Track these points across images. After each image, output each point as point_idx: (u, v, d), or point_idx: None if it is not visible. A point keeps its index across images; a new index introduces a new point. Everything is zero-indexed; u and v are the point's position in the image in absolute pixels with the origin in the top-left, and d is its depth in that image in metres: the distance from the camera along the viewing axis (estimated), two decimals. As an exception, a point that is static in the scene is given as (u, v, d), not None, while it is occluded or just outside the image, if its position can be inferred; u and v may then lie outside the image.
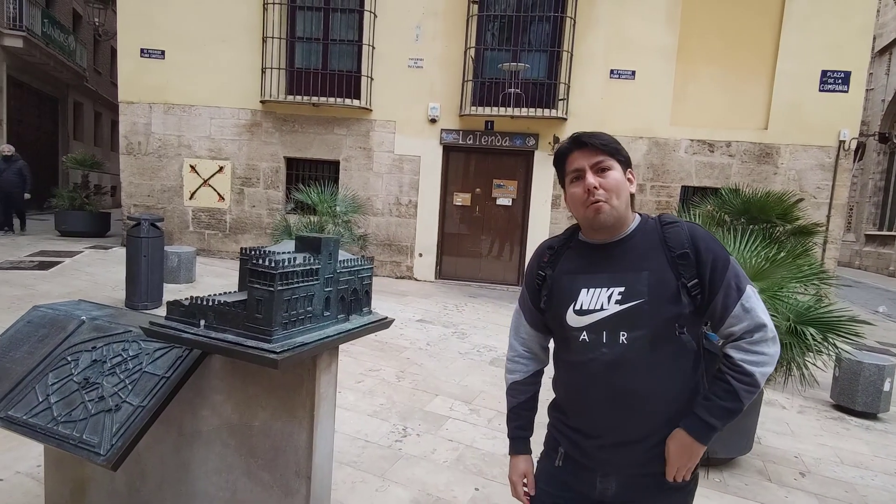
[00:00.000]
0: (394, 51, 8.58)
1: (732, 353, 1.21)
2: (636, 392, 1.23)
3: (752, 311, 1.20)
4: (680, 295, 1.21)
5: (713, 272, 1.21)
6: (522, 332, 1.46)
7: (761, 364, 1.19)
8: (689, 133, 8.36)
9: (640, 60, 8.27)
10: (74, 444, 1.54)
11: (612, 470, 1.30)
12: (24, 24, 13.02)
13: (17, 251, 8.05)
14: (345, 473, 2.87)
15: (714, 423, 1.20)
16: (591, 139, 1.26)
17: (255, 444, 1.72)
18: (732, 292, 1.21)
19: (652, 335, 1.21)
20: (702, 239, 1.24)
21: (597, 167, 1.25)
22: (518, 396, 1.47)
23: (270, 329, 1.41)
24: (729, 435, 3.14)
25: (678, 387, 1.25)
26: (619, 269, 1.26)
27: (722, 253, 1.24)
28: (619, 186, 1.25)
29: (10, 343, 1.94)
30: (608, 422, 1.27)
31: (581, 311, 1.27)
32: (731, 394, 1.19)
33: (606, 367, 1.24)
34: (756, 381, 1.19)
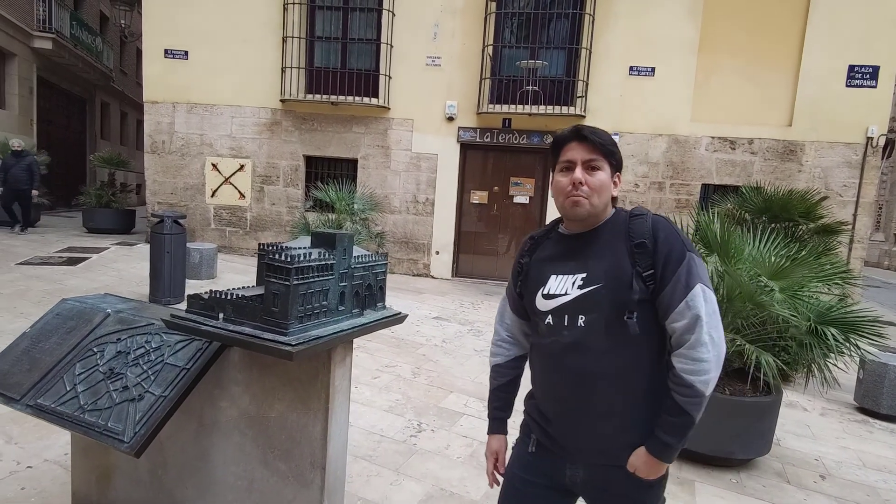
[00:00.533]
0: (412, 49, 8.62)
1: (674, 363, 1.23)
2: (591, 373, 1.28)
3: (694, 310, 1.20)
4: (633, 282, 1.24)
5: (666, 265, 1.24)
6: (507, 318, 1.55)
7: (700, 373, 1.19)
8: (710, 130, 8.23)
9: (660, 56, 8.17)
10: (100, 431, 1.60)
11: (578, 458, 1.34)
12: (54, 26, 13.39)
13: (47, 247, 8.30)
14: (360, 467, 2.91)
15: (669, 441, 1.23)
16: (592, 135, 1.31)
17: (271, 434, 1.76)
18: (680, 287, 1.22)
19: (606, 319, 1.26)
20: (662, 231, 1.27)
21: (588, 164, 1.30)
22: (499, 378, 1.55)
23: (286, 322, 1.45)
24: (746, 436, 3.11)
25: (634, 371, 1.27)
26: (585, 257, 1.33)
27: (679, 247, 1.25)
28: (602, 187, 1.30)
29: (41, 334, 2.02)
30: (567, 403, 1.33)
31: (548, 296, 1.34)
32: (676, 409, 1.21)
33: (565, 349, 1.30)
34: (697, 391, 1.19)
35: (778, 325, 3.29)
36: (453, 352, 5.10)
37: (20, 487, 2.46)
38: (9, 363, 1.93)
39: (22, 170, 9.36)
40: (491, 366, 1.57)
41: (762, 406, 3.15)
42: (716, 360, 1.20)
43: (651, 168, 8.41)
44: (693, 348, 1.19)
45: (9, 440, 2.85)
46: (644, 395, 1.28)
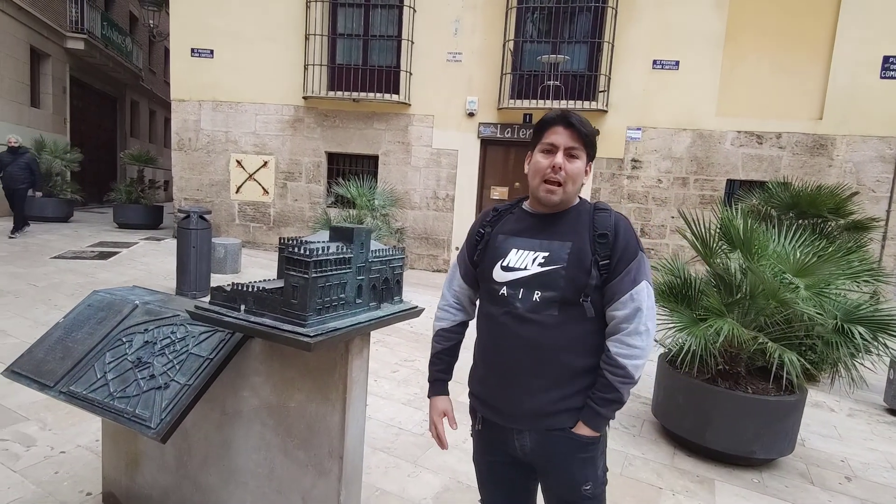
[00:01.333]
0: (432, 45, 8.63)
1: (610, 346, 1.37)
2: (540, 343, 1.38)
3: (636, 302, 1.34)
4: (591, 268, 1.35)
5: (620, 258, 1.36)
6: (455, 285, 1.62)
7: (633, 357, 1.35)
8: (735, 124, 8.06)
9: (685, 49, 8.02)
10: (128, 417, 1.67)
11: (524, 425, 1.43)
12: (86, 26, 13.77)
13: (80, 242, 8.57)
14: (379, 458, 2.96)
15: (600, 412, 1.38)
16: (581, 126, 1.39)
17: (291, 424, 1.81)
18: (628, 280, 1.35)
19: (561, 297, 1.36)
20: (622, 228, 1.39)
21: (569, 151, 1.38)
22: (443, 342, 1.63)
23: (305, 314, 1.48)
24: (769, 435, 3.06)
25: (580, 346, 1.39)
26: (549, 237, 1.42)
27: (634, 246, 1.38)
28: (578, 176, 1.40)
29: (73, 324, 2.11)
30: (515, 370, 1.41)
31: (507, 268, 1.42)
32: (608, 386, 1.37)
33: (517, 320, 1.39)
34: (629, 373, 1.35)
35: (803, 323, 3.23)
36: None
37: (54, 472, 2.57)
38: (43, 351, 2.02)
39: (20, 168, 8.51)
40: (435, 330, 1.64)
41: (786, 405, 3.09)
42: (647, 349, 1.36)
43: (674, 163, 8.27)
44: (629, 335, 1.34)
45: (43, 426, 2.97)
46: (586, 370, 1.40)
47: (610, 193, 8.41)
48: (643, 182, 8.37)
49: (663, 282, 3.57)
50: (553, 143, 1.39)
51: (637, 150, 8.33)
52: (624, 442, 3.37)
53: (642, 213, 8.38)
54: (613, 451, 3.22)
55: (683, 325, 3.19)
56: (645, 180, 8.36)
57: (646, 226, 8.38)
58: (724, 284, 3.40)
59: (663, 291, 3.49)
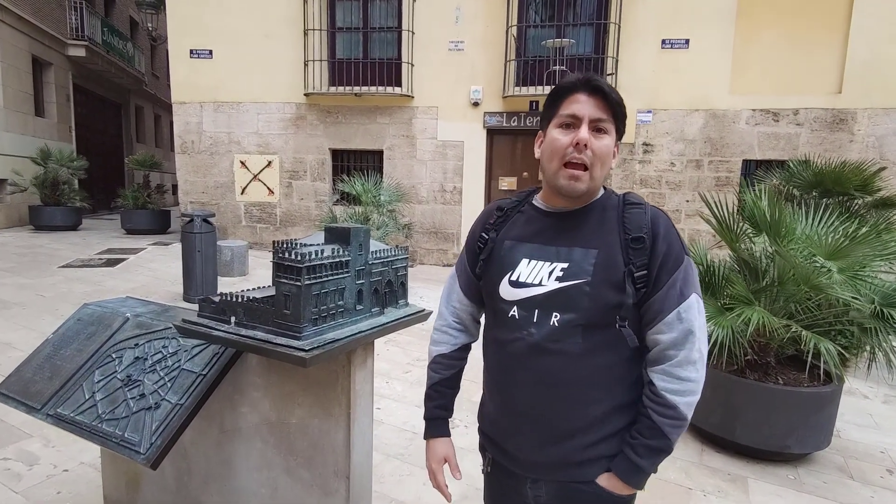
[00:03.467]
0: (434, 35, 8.44)
1: (656, 379, 1.08)
2: (561, 381, 1.10)
3: (687, 323, 1.06)
4: (625, 283, 1.06)
5: (662, 266, 1.07)
6: (454, 300, 1.33)
7: (685, 393, 1.06)
8: (750, 102, 7.78)
9: (695, 27, 7.75)
10: (117, 442, 1.55)
11: (540, 474, 1.17)
12: (86, 33, 13.73)
13: (88, 250, 8.54)
14: (392, 466, 2.83)
15: (641, 465, 1.08)
16: (610, 91, 1.08)
17: (293, 441, 1.68)
18: (674, 294, 1.06)
19: (586, 320, 1.07)
20: (663, 227, 1.09)
21: (596, 125, 1.08)
22: (441, 371, 1.33)
23: (299, 325, 1.35)
24: (803, 429, 2.88)
25: (612, 383, 1.11)
26: (568, 242, 1.12)
27: (678, 249, 1.09)
28: (608, 156, 1.10)
29: (62, 341, 1.99)
30: (529, 412, 1.14)
31: (517, 284, 1.13)
32: (654, 430, 1.07)
33: (531, 350, 1.11)
34: (681, 413, 1.06)
35: (836, 308, 3.04)
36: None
37: (56, 492, 2.47)
38: (32, 370, 1.91)
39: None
40: (432, 356, 1.35)
41: (821, 397, 2.91)
42: (702, 381, 1.07)
43: (688, 145, 8.02)
44: (680, 366, 1.06)
45: (46, 443, 2.88)
46: (615, 409, 1.12)
47: (622, 179, 8.19)
48: (656, 166, 8.13)
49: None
50: (575, 115, 1.07)
51: (648, 133, 8.09)
52: (648, 439, 3.21)
53: (656, 198, 8.15)
54: (638, 450, 3.06)
55: (709, 316, 3.01)
56: (657, 164, 8.13)
57: (660, 211, 8.16)
58: (750, 270, 3.22)
59: (685, 280, 3.30)
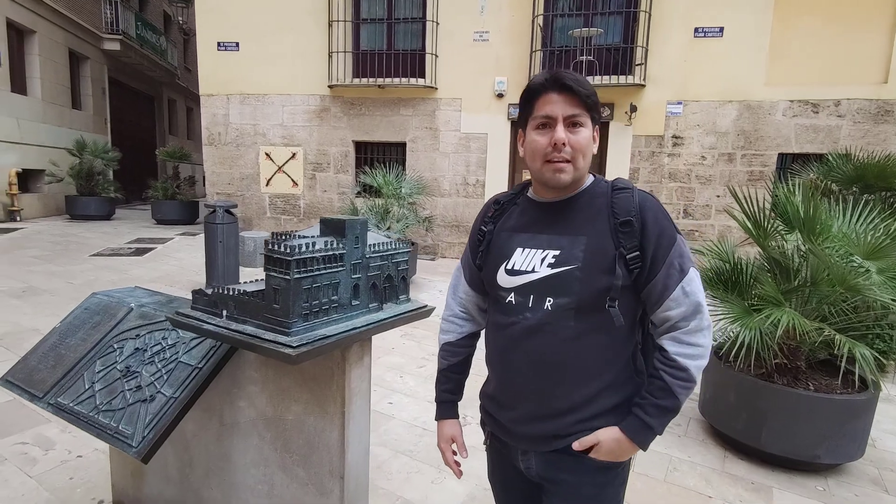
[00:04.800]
0: (458, 25, 8.33)
1: (667, 345, 1.14)
2: (554, 361, 1.16)
3: (693, 296, 1.12)
4: (616, 265, 1.11)
5: (657, 248, 1.12)
6: (460, 292, 1.39)
7: (696, 357, 1.12)
8: (788, 93, 7.44)
9: (730, 14, 7.43)
10: (111, 434, 1.53)
11: (529, 446, 1.23)
12: (121, 27, 14.05)
13: (119, 239, 8.76)
14: (401, 463, 2.79)
15: (651, 423, 1.13)
16: (578, 86, 1.11)
17: (289, 438, 1.64)
18: (675, 272, 1.12)
19: (578, 304, 1.13)
20: (651, 210, 1.14)
21: (571, 121, 1.12)
22: (450, 358, 1.40)
23: (288, 321, 1.30)
24: (835, 438, 2.72)
25: (603, 363, 1.16)
26: (559, 231, 1.18)
27: (670, 229, 1.14)
28: (587, 147, 1.15)
29: (68, 329, 2.00)
30: (524, 391, 1.20)
31: (512, 272, 1.20)
32: (665, 391, 1.12)
33: (526, 333, 1.17)
34: (691, 375, 1.12)
35: (874, 310, 2.86)
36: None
37: (69, 477, 2.51)
38: (37, 359, 1.92)
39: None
40: (441, 344, 1.42)
41: (855, 405, 2.74)
42: (710, 347, 1.15)
43: (719, 138, 7.73)
44: (691, 334, 1.12)
45: (64, 429, 2.93)
46: (605, 388, 1.17)
47: (650, 173, 7.95)
48: (685, 160, 7.86)
49: (710, 267, 3.24)
50: (549, 116, 1.12)
51: (678, 125, 7.82)
52: (667, 443, 3.09)
53: (685, 192, 7.89)
54: (656, 454, 2.95)
55: (735, 316, 2.87)
56: (687, 157, 7.86)
57: (689, 206, 7.90)
58: (781, 269, 3.05)
59: (710, 278, 3.16)
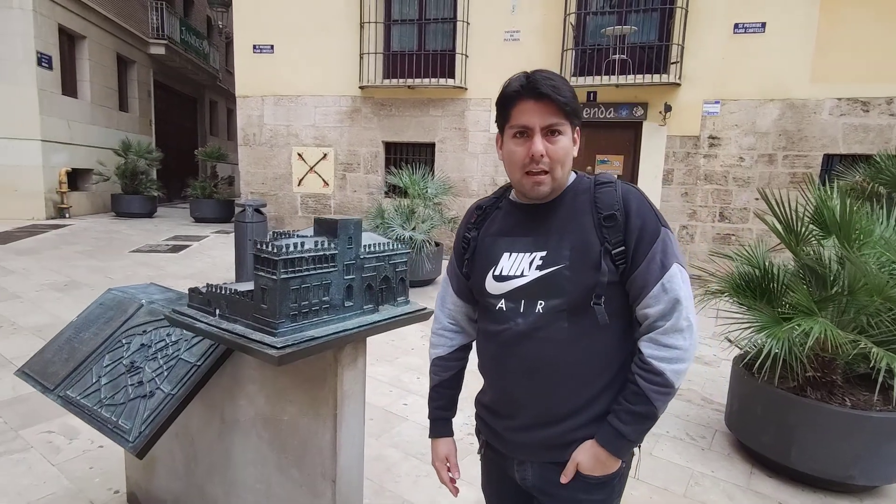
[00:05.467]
0: (489, 25, 8.27)
1: (643, 347, 1.08)
2: (547, 365, 1.11)
3: (672, 293, 1.05)
4: (601, 261, 1.07)
5: (639, 241, 1.07)
6: (448, 303, 1.35)
7: (672, 360, 1.05)
8: (835, 91, 7.06)
9: (772, 8, 7.11)
10: (111, 428, 1.56)
11: (526, 456, 1.19)
12: (166, 32, 14.61)
13: (158, 236, 9.09)
14: (410, 465, 2.76)
15: (624, 431, 1.07)
16: (555, 94, 1.05)
17: (284, 439, 1.64)
18: (655, 267, 1.06)
19: (569, 305, 1.08)
20: (634, 202, 1.09)
21: (548, 129, 1.08)
22: (442, 373, 1.36)
23: (275, 321, 1.29)
24: (872, 458, 2.55)
25: (600, 365, 1.11)
26: (544, 232, 1.14)
27: (653, 222, 1.08)
28: (566, 155, 1.10)
29: (84, 324, 2.06)
30: (520, 398, 1.16)
31: (500, 278, 1.16)
32: (639, 396, 1.06)
33: (519, 338, 1.13)
34: (667, 380, 1.05)
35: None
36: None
37: (89, 467, 2.59)
38: (52, 352, 1.98)
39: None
40: (432, 359, 1.38)
41: (894, 423, 2.55)
42: (691, 350, 1.06)
43: (759, 139, 7.41)
44: (667, 334, 1.06)
45: (89, 419, 3.03)
46: (604, 389, 1.12)
47: (684, 174, 7.70)
48: (722, 161, 7.57)
49: (738, 274, 3.09)
50: (526, 126, 1.08)
51: (715, 125, 7.54)
52: (690, 456, 2.96)
53: (721, 194, 7.60)
54: (676, 467, 2.83)
55: (762, 325, 2.72)
56: (724, 159, 7.56)
57: (725, 209, 7.60)
58: (816, 277, 2.87)
59: (738, 285, 3.01)
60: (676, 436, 3.17)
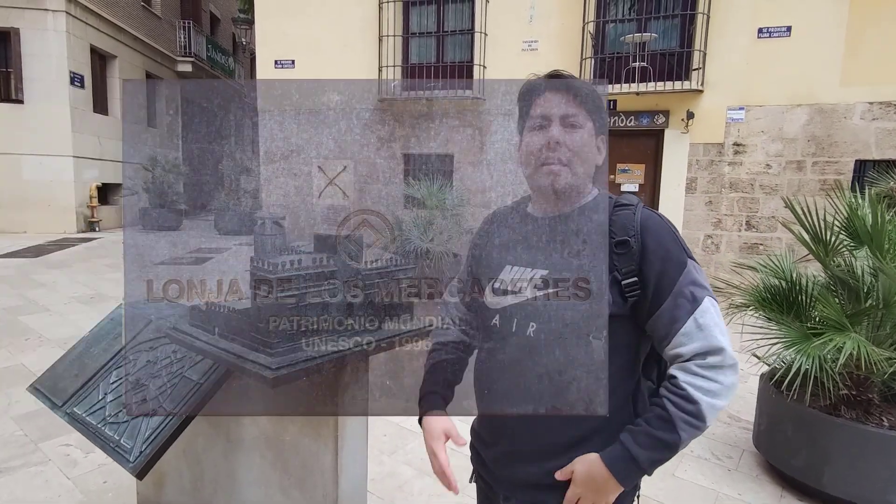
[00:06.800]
0: (507, 35, 8.26)
1: (676, 372, 0.96)
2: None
3: (707, 329, 0.94)
4: (608, 291, 0.97)
5: (662, 275, 0.96)
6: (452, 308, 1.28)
7: (711, 393, 0.93)
8: (867, 94, 6.81)
9: (798, 11, 6.93)
10: (112, 447, 1.55)
11: (511, 492, 1.09)
12: (193, 50, 15.04)
13: (182, 249, 9.27)
14: (424, 484, 2.70)
15: (637, 455, 0.94)
16: (576, 88, 1.03)
17: (287, 459, 1.60)
18: (685, 302, 0.95)
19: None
20: (654, 230, 0.99)
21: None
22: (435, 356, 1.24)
23: (271, 341, 1.25)
24: (913, 484, 2.39)
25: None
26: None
27: (678, 252, 0.99)
28: (584, 149, 1.03)
29: (94, 339, 2.07)
30: (503, 426, 1.08)
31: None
32: (665, 422, 0.93)
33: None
34: (701, 411, 0.92)
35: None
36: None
37: (103, 481, 2.60)
38: (63, 367, 1.99)
39: None
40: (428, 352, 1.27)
41: (937, 446, 2.39)
42: (733, 388, 0.94)
43: (787, 145, 7.19)
44: (711, 369, 0.94)
45: (105, 432, 3.06)
46: (593, 432, 1.01)
47: (708, 183, 7.51)
48: (748, 168, 7.36)
49: (764, 286, 2.96)
50: (544, 116, 1.03)
51: (740, 132, 7.35)
52: (716, 477, 2.83)
53: (747, 203, 7.38)
54: (701, 489, 2.70)
55: (791, 341, 2.59)
56: (750, 166, 7.36)
57: (752, 218, 7.37)
58: (848, 290, 2.74)
59: (764, 298, 2.88)
60: (701, 455, 3.04)
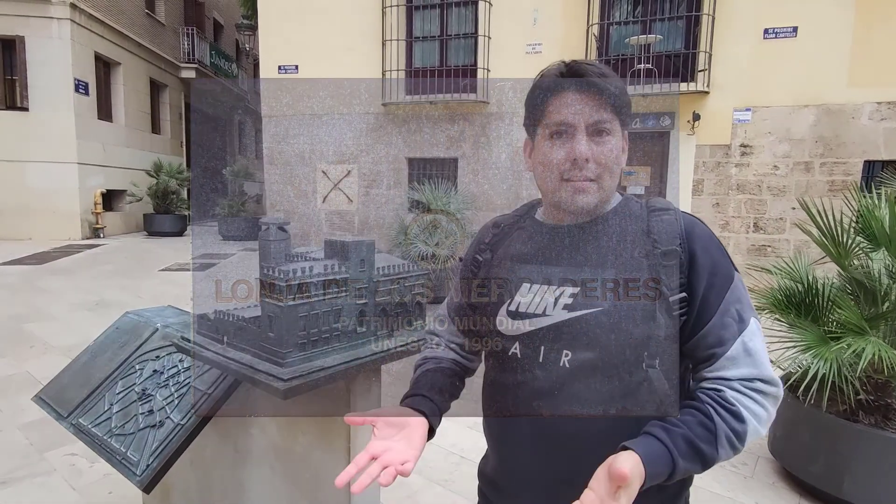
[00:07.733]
0: (510, 39, 8.24)
1: (721, 386, 0.83)
2: (572, 437, 0.87)
3: (756, 356, 0.83)
4: (657, 310, 0.83)
5: (710, 288, 0.84)
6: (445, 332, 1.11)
7: (759, 419, 0.81)
8: (874, 94, 6.76)
9: (804, 11, 6.88)
10: (119, 459, 1.51)
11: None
12: (196, 57, 15.08)
13: (187, 254, 9.26)
14: (433, 494, 2.66)
15: (677, 463, 0.77)
16: (605, 84, 0.85)
17: (297, 471, 1.56)
18: (732, 322, 0.83)
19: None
20: (701, 238, 0.87)
21: (595, 128, 0.86)
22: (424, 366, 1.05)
23: (282, 350, 1.21)
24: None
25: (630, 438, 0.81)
26: (579, 262, 0.89)
27: (725, 264, 0.87)
28: (615, 161, 0.88)
29: (99, 348, 2.03)
30: (530, 473, 0.93)
31: (517, 314, 0.92)
32: (710, 433, 0.79)
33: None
34: (745, 434, 0.80)
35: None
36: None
37: (108, 491, 2.56)
38: (68, 377, 1.96)
39: None
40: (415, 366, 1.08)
41: (961, 453, 2.33)
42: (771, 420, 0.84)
43: (794, 146, 7.13)
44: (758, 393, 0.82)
45: (111, 441, 3.02)
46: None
47: (715, 184, 7.46)
48: (755, 170, 7.31)
49: (780, 288, 2.91)
50: (568, 124, 0.86)
51: (747, 133, 7.29)
52: (731, 485, 2.77)
53: (755, 204, 7.32)
54: (717, 497, 2.65)
55: (808, 345, 2.54)
56: (757, 167, 7.30)
57: (760, 220, 7.31)
58: (865, 292, 2.68)
59: (779, 300, 2.83)
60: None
